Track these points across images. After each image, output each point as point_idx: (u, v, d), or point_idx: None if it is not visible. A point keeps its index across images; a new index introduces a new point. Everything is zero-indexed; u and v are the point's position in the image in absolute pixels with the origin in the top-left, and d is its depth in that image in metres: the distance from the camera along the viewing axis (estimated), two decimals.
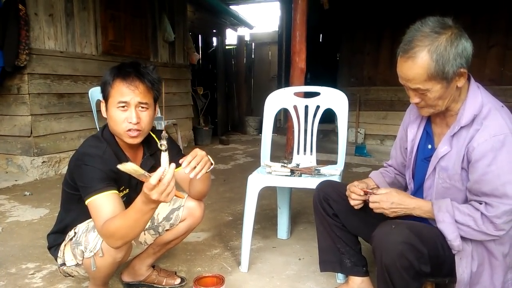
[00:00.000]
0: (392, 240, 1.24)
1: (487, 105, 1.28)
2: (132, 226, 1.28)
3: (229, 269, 2.09)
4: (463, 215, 1.27)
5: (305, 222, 2.80)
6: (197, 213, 1.73)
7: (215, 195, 3.42)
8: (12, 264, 2.12)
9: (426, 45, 1.20)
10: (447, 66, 1.20)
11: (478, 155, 1.23)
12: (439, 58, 1.19)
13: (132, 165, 1.13)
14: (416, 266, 1.23)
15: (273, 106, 2.34)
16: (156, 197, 1.16)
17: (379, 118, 6.40)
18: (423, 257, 1.24)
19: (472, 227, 1.25)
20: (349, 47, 6.68)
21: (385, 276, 1.27)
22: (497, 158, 1.20)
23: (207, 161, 1.42)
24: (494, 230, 1.23)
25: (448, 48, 1.19)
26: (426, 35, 1.21)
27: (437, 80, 1.22)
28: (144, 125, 1.49)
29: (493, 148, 1.21)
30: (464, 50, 1.21)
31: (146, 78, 1.48)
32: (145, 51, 5.44)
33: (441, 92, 1.26)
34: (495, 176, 1.21)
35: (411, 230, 1.26)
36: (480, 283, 1.30)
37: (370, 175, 1.72)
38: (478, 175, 1.24)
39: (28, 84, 3.86)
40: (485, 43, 5.42)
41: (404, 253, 1.21)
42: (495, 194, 1.22)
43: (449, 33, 1.21)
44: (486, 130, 1.23)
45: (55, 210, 2.92)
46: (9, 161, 4.13)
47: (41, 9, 3.96)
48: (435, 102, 1.29)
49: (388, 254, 1.24)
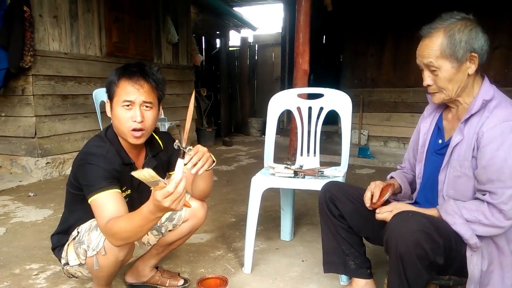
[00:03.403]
0: (409, 228, 1.22)
1: (498, 98, 1.34)
2: (135, 231, 1.28)
3: (232, 270, 2.09)
4: (470, 212, 1.28)
5: (308, 223, 2.80)
6: (200, 214, 1.73)
7: (218, 197, 3.42)
8: (16, 265, 2.13)
9: (444, 27, 1.32)
10: (458, 46, 1.29)
11: (487, 140, 1.27)
12: (452, 37, 1.30)
13: (149, 171, 1.13)
14: (431, 256, 1.22)
15: (277, 107, 2.34)
16: (169, 205, 1.14)
17: (382, 119, 6.38)
18: (439, 248, 1.23)
19: (482, 222, 1.26)
20: (352, 49, 6.67)
21: (398, 265, 1.25)
22: (505, 143, 1.24)
23: (209, 157, 1.42)
24: (504, 220, 1.24)
25: (462, 30, 1.30)
26: (446, 20, 1.33)
27: (448, 59, 1.31)
28: (148, 124, 1.50)
29: (502, 133, 1.24)
30: (478, 38, 1.30)
31: (151, 77, 1.49)
32: (149, 53, 5.45)
33: (451, 73, 1.32)
34: (502, 160, 1.24)
35: (428, 219, 1.26)
36: (491, 284, 1.30)
37: (392, 174, 1.72)
38: (486, 159, 1.27)
39: (33, 85, 3.88)
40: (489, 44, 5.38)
41: (420, 242, 1.20)
42: (501, 178, 1.24)
43: (467, 21, 1.32)
44: (496, 117, 1.28)
45: (59, 211, 2.93)
46: (13, 162, 4.15)
47: (46, 10, 3.98)
48: (445, 84, 1.35)
49: (404, 242, 1.22)
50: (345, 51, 6.85)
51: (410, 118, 6.00)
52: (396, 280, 1.28)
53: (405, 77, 6.10)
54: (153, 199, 1.16)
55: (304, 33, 4.28)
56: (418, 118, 1.65)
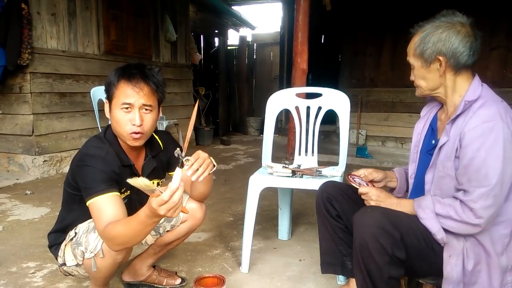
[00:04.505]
0: (364, 222, 1.30)
1: (484, 97, 1.34)
2: (132, 235, 1.28)
3: (229, 269, 2.09)
4: (443, 207, 1.31)
5: (306, 223, 2.80)
6: (198, 215, 1.73)
7: (216, 196, 3.42)
8: (12, 263, 2.12)
9: (424, 28, 1.38)
10: (426, 46, 1.35)
11: (468, 140, 1.28)
12: (424, 38, 1.36)
13: (144, 180, 1.13)
14: (388, 250, 1.25)
15: (275, 107, 2.34)
16: (164, 213, 1.14)
17: (380, 119, 6.39)
18: (396, 242, 1.26)
19: (453, 217, 1.28)
20: (351, 49, 6.67)
21: (358, 259, 1.31)
22: (485, 144, 1.25)
23: (210, 163, 1.41)
24: (474, 218, 1.25)
25: (433, 32, 1.34)
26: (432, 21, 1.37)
27: (418, 58, 1.39)
28: (147, 127, 1.48)
29: (483, 134, 1.25)
30: (449, 41, 1.31)
31: (151, 80, 1.47)
32: (147, 51, 5.44)
33: (422, 72, 1.40)
34: (482, 160, 1.25)
35: (384, 214, 1.31)
36: (479, 283, 1.31)
37: (394, 169, 1.75)
38: (466, 159, 1.28)
39: (30, 83, 3.87)
40: (487, 45, 5.40)
41: (375, 236, 1.25)
42: (477, 178, 1.25)
43: (444, 23, 1.34)
44: (478, 117, 1.28)
45: (56, 209, 2.93)
46: (10, 159, 4.14)
47: (44, 8, 3.97)
48: (419, 81, 1.43)
49: (361, 236, 1.29)
50: (344, 50, 6.85)
51: (408, 118, 6.01)
52: (359, 274, 1.34)
53: (403, 77, 6.08)
54: (149, 206, 1.16)
55: (303, 33, 4.28)
56: (416, 118, 1.66)
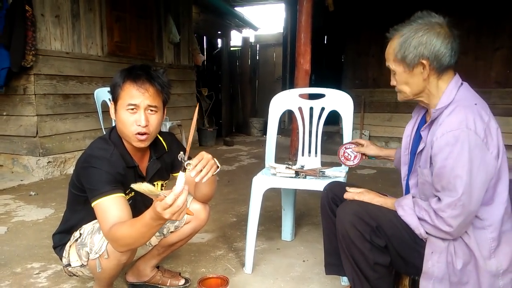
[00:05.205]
0: (344, 212, 1.40)
1: (456, 103, 1.31)
2: (138, 237, 1.28)
3: (233, 270, 2.09)
4: (420, 210, 1.33)
5: (309, 223, 2.80)
6: (202, 216, 1.73)
7: (219, 196, 3.42)
8: (17, 264, 2.13)
9: (403, 31, 1.34)
10: (407, 51, 1.32)
11: (436, 149, 1.28)
12: (404, 43, 1.33)
13: (148, 186, 1.14)
14: (367, 236, 1.33)
15: (278, 107, 2.34)
16: (169, 217, 1.14)
17: (384, 120, 6.38)
18: (373, 230, 1.34)
19: (428, 221, 1.30)
20: (354, 49, 6.66)
21: (343, 248, 1.39)
22: (452, 153, 1.24)
23: (213, 164, 1.40)
24: (446, 225, 1.26)
25: (413, 35, 1.31)
26: (408, 24, 1.35)
27: (400, 63, 1.36)
28: (153, 128, 1.49)
29: (448, 143, 1.24)
30: (430, 43, 1.29)
31: (156, 81, 1.47)
32: (150, 52, 5.46)
33: (405, 77, 1.37)
34: (450, 170, 1.25)
35: (360, 205, 1.40)
36: (470, 284, 1.31)
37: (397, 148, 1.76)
38: (437, 168, 1.28)
39: (34, 84, 3.89)
40: (491, 45, 5.38)
41: (353, 223, 1.34)
42: (448, 187, 1.25)
43: (423, 25, 1.31)
44: (444, 126, 1.27)
45: (60, 210, 2.94)
46: (14, 161, 4.16)
47: (48, 10, 3.99)
48: (401, 86, 1.41)
49: (342, 225, 1.38)
50: (347, 51, 6.84)
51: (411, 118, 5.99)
52: (348, 264, 1.41)
53: None
54: (154, 209, 1.17)
55: (306, 33, 4.28)
56: None
